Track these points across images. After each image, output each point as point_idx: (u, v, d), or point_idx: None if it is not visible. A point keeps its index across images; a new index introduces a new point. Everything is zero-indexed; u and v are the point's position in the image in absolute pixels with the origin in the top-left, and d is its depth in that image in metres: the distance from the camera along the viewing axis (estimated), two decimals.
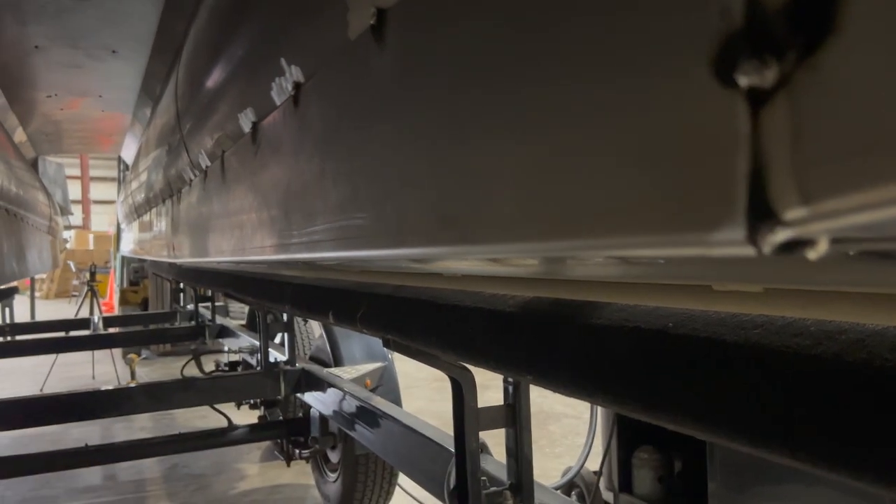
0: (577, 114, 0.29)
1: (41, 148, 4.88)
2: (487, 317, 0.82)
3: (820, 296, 0.46)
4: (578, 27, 0.29)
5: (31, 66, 2.67)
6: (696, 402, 0.54)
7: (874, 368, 0.43)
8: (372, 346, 3.01)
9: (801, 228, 0.23)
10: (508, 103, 0.36)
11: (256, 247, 0.99)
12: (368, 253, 0.58)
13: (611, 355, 0.64)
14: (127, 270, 8.13)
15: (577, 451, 3.64)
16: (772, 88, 0.22)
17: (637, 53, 0.26)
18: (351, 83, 0.58)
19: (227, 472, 3.92)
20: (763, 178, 0.23)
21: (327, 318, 1.23)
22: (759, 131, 0.23)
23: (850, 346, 0.46)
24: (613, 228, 0.28)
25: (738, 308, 0.53)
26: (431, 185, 0.46)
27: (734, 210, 0.23)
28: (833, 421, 0.45)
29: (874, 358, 0.44)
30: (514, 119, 0.35)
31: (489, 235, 0.39)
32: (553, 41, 0.31)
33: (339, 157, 0.62)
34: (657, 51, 0.25)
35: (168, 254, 2.32)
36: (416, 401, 4.85)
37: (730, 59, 0.23)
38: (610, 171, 0.28)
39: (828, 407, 0.45)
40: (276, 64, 0.74)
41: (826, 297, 0.45)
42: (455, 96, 0.42)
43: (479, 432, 1.28)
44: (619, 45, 0.27)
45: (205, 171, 1.41)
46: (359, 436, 2.35)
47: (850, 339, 0.46)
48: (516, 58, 0.35)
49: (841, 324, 0.48)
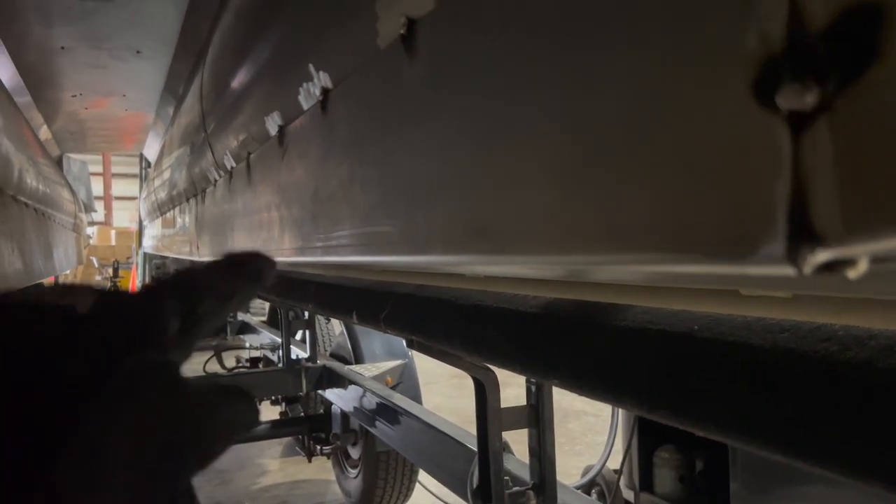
0: (617, 129, 0.30)
1: (66, 146, 4.95)
2: (510, 318, 0.83)
3: (852, 302, 0.45)
4: (618, 42, 0.29)
5: (57, 66, 2.70)
6: (722, 407, 0.54)
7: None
8: (392, 343, 3.02)
9: (841, 250, 0.23)
10: (542, 115, 0.36)
11: (281, 248, 1.00)
12: (397, 259, 0.59)
13: (636, 358, 0.64)
14: (149, 267, 8.22)
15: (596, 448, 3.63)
16: (813, 112, 0.23)
17: (679, 73, 0.26)
18: (380, 91, 0.58)
19: (248, 468, 3.96)
20: (804, 200, 0.23)
21: (351, 318, 1.24)
22: (800, 154, 0.23)
23: (880, 351, 0.46)
24: (652, 245, 0.28)
25: (765, 313, 0.53)
26: (462, 195, 0.46)
27: (775, 230, 0.24)
28: (863, 428, 0.45)
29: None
30: (548, 130, 0.36)
31: (522, 247, 0.39)
32: (591, 54, 0.31)
33: (367, 163, 0.63)
34: (699, 72, 0.25)
35: (191, 251, 2.34)
36: (434, 397, 4.87)
37: (770, 82, 0.23)
38: (651, 188, 0.28)
39: (858, 413, 0.45)
40: (304, 69, 0.75)
41: (857, 303, 0.45)
42: (486, 106, 0.43)
43: (502, 432, 1.28)
44: (661, 63, 0.27)
45: (230, 172, 1.43)
46: (379, 433, 2.37)
47: (880, 345, 0.46)
48: (549, 70, 0.35)
49: (871, 329, 0.47)
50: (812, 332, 0.51)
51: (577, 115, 0.32)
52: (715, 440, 1.72)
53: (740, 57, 0.24)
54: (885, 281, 0.31)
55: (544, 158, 0.36)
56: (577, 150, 0.33)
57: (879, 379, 0.45)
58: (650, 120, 0.27)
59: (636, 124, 0.28)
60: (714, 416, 0.55)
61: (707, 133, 0.25)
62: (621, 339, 0.66)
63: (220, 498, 3.54)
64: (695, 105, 0.25)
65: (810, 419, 0.48)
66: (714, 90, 0.25)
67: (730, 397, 0.54)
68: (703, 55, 0.25)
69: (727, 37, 0.24)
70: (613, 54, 0.29)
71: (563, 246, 0.35)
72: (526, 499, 1.30)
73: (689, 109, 0.26)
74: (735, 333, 0.56)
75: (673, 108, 0.26)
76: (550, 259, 0.37)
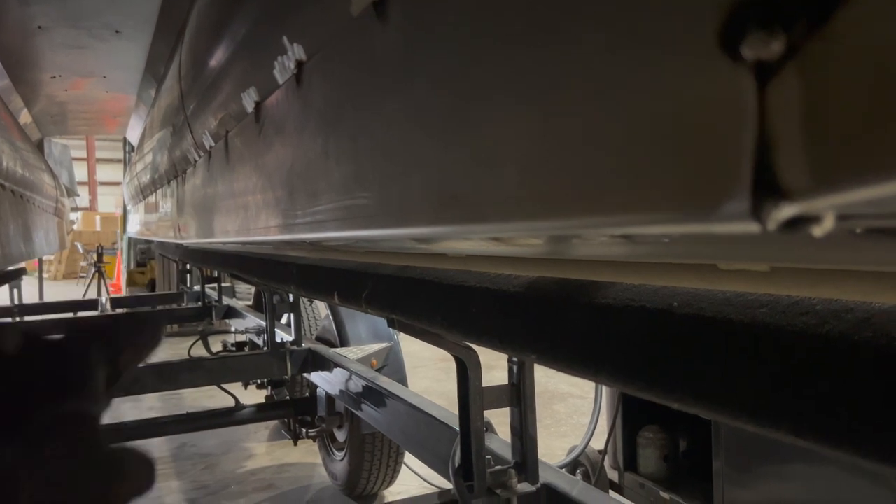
0: (581, 88, 0.29)
1: (47, 129, 4.88)
2: (492, 297, 0.82)
3: (827, 274, 0.45)
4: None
5: (35, 46, 2.66)
6: (701, 381, 0.54)
7: (881, 347, 0.43)
8: (378, 326, 3.02)
9: (806, 204, 0.23)
10: (513, 79, 0.35)
11: (261, 227, 0.99)
12: (373, 232, 0.58)
13: (615, 334, 0.63)
14: (134, 252, 8.17)
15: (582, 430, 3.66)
16: (779, 61, 0.22)
17: (641, 25, 0.25)
18: (353, 61, 0.57)
19: (234, 451, 3.96)
20: (769, 153, 0.23)
21: (333, 299, 1.23)
22: (765, 105, 0.22)
23: (857, 324, 0.46)
24: (617, 205, 0.28)
25: (744, 287, 0.53)
26: (435, 164, 0.45)
27: (739, 185, 0.23)
28: (840, 400, 0.45)
29: (880, 336, 0.44)
30: (518, 95, 0.35)
31: (492, 213, 0.39)
32: (557, 16, 0.31)
33: (342, 135, 0.62)
34: (661, 22, 0.24)
35: (174, 235, 2.32)
36: (421, 380, 4.88)
37: (735, 30, 0.23)
38: (613, 147, 0.27)
39: (835, 386, 0.45)
40: (278, 42, 0.73)
41: (833, 275, 0.45)
42: (459, 73, 0.42)
43: (484, 411, 1.28)
44: (624, 17, 0.26)
45: (209, 152, 1.41)
46: (365, 415, 2.37)
47: (857, 318, 0.46)
48: (519, 33, 0.34)
49: (847, 302, 0.47)
50: (790, 306, 0.51)
51: (545, 76, 0.32)
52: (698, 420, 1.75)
53: (704, 4, 0.23)
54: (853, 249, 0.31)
55: (514, 123, 0.35)
56: (545, 112, 0.32)
57: (856, 352, 0.45)
58: (613, 75, 0.27)
59: (597, 81, 0.27)
60: (693, 390, 0.55)
61: (670, 85, 0.24)
62: (602, 315, 0.66)
63: (207, 482, 3.54)
64: (658, 57, 0.25)
65: (789, 393, 0.48)
66: (677, 40, 0.24)
67: (708, 371, 0.54)
68: (666, 4, 0.24)
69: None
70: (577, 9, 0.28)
71: (534, 211, 0.35)
72: (507, 477, 1.30)
73: (652, 61, 0.25)
74: (714, 309, 0.56)
75: (635, 60, 0.25)
76: (523, 225, 0.37)
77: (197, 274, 5.12)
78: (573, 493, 1.28)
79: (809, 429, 0.47)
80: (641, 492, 2.30)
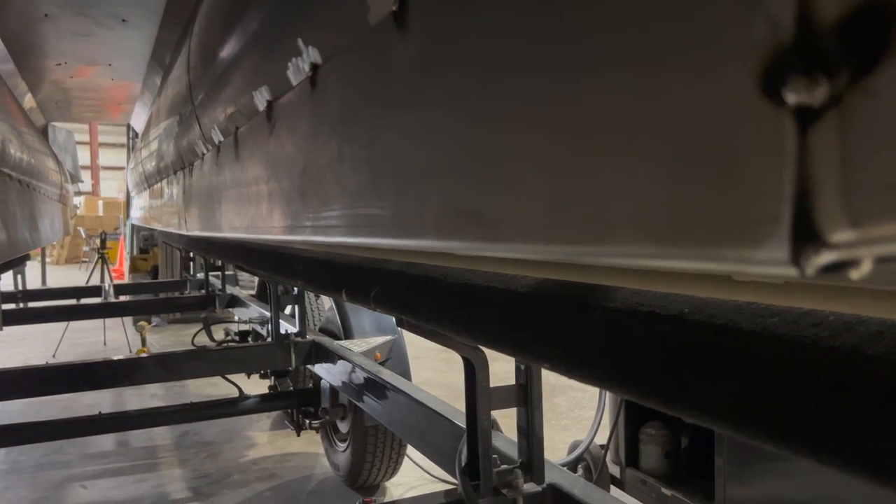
0: (617, 116, 0.29)
1: (51, 115, 4.88)
2: (500, 298, 0.82)
3: (843, 290, 0.45)
4: (620, 28, 0.28)
5: (41, 33, 2.65)
6: (710, 391, 0.54)
7: (893, 361, 0.43)
8: (381, 319, 3.02)
9: (846, 252, 0.22)
10: (539, 99, 0.35)
11: (269, 226, 0.99)
12: (387, 241, 0.58)
13: (624, 340, 0.63)
14: (137, 238, 8.17)
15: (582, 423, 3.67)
16: (821, 108, 0.22)
17: (682, 63, 0.25)
18: (371, 69, 0.57)
19: (237, 441, 3.97)
20: (809, 199, 0.22)
21: (340, 296, 1.23)
22: (806, 151, 0.22)
23: (870, 337, 0.45)
24: (649, 238, 0.28)
25: (757, 298, 0.53)
26: (454, 180, 0.45)
27: (778, 230, 0.23)
28: (853, 415, 0.44)
29: (894, 351, 0.43)
30: (545, 115, 0.35)
31: (514, 235, 0.38)
32: (591, 39, 0.30)
33: (357, 142, 0.62)
34: (704, 62, 0.24)
35: (179, 224, 2.32)
36: (423, 371, 4.89)
37: (778, 75, 0.22)
38: (650, 179, 0.27)
39: (846, 400, 0.45)
40: (293, 43, 0.73)
41: (849, 292, 0.45)
42: (480, 88, 0.41)
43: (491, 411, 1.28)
44: (665, 50, 0.26)
45: (217, 146, 1.41)
46: (368, 408, 2.38)
47: (870, 331, 0.46)
48: (545, 53, 0.34)
49: (860, 315, 0.47)
50: (802, 316, 0.51)
51: (575, 102, 0.31)
52: None
53: (747, 48, 0.23)
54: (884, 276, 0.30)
55: (539, 145, 0.35)
56: (573, 138, 0.32)
57: (868, 365, 0.45)
58: (650, 110, 0.26)
59: (635, 113, 0.27)
60: (703, 401, 0.55)
61: (709, 125, 0.24)
62: (611, 321, 0.66)
63: (209, 470, 3.55)
64: (699, 95, 0.24)
65: (799, 405, 0.48)
66: (718, 81, 0.24)
67: (718, 382, 0.54)
68: (708, 45, 0.24)
69: (734, 27, 0.23)
70: (614, 41, 0.28)
71: (556, 236, 0.34)
72: (514, 477, 1.31)
73: (692, 100, 0.25)
74: (725, 317, 0.56)
75: (674, 97, 0.25)
76: (543, 249, 0.36)
77: (200, 262, 5.13)
78: (578, 494, 1.29)
79: (820, 446, 0.47)
80: (643, 488, 2.30)
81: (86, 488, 3.38)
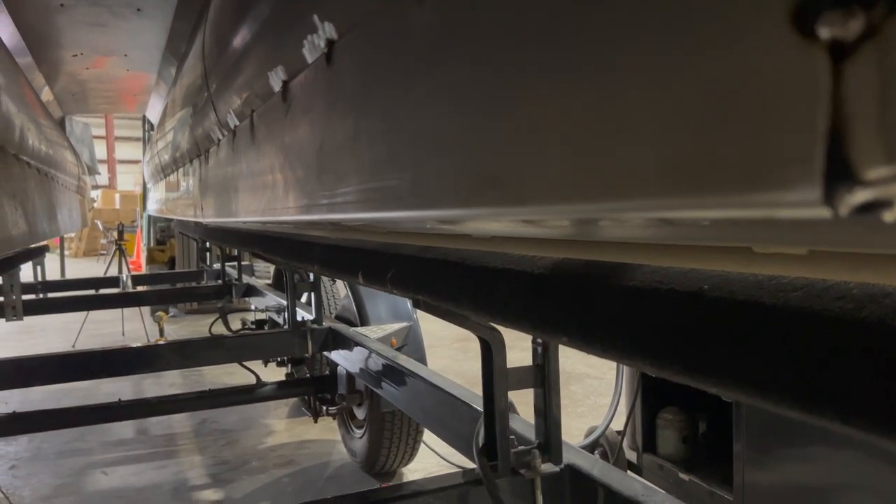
0: (643, 58, 0.28)
1: (68, 107, 4.91)
2: (518, 278, 0.82)
3: (867, 259, 0.44)
4: None
5: (57, 24, 2.66)
6: (732, 364, 0.54)
7: None
8: (397, 305, 3.03)
9: (881, 189, 0.22)
10: (560, 57, 0.34)
11: (286, 207, 0.99)
12: (405, 214, 0.58)
13: (644, 317, 0.63)
14: (153, 230, 8.23)
15: (598, 411, 3.66)
16: (856, 41, 0.21)
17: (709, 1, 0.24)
18: (388, 41, 0.57)
19: (255, 428, 4.00)
20: (843, 136, 0.22)
21: (357, 279, 1.23)
22: (840, 86, 0.22)
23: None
24: (676, 187, 0.27)
25: (779, 271, 0.52)
26: (472, 145, 0.45)
27: (811, 169, 0.22)
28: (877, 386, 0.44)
29: None
30: (566, 72, 0.34)
31: (535, 196, 0.38)
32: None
33: (374, 116, 0.61)
34: None
35: (195, 213, 2.33)
36: (439, 360, 4.90)
37: (811, 8, 0.22)
38: (677, 125, 0.26)
39: (871, 371, 0.44)
40: (308, 20, 0.73)
41: (874, 260, 0.44)
42: (496, 51, 0.41)
43: (508, 392, 1.28)
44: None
45: (233, 131, 1.41)
46: (385, 393, 2.38)
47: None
48: (567, 10, 0.34)
49: (885, 287, 0.46)
50: (825, 290, 0.50)
51: (598, 48, 0.31)
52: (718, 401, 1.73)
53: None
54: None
55: (559, 96, 0.34)
56: (596, 86, 0.31)
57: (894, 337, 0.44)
58: (678, 51, 0.26)
59: (662, 56, 0.26)
60: (725, 373, 0.55)
61: (738, 64, 0.24)
62: (630, 298, 0.65)
63: (228, 457, 3.59)
64: (727, 33, 0.24)
65: (822, 378, 0.47)
66: (750, 16, 0.23)
67: (740, 355, 0.53)
68: None
69: None
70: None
71: (580, 193, 0.34)
72: (531, 457, 1.31)
73: (722, 39, 0.24)
74: (746, 292, 0.55)
75: (704, 37, 0.25)
76: (567, 208, 0.36)
77: (216, 252, 5.16)
78: (597, 474, 1.28)
79: (846, 416, 0.46)
80: (660, 473, 2.30)
81: (106, 475, 3.43)
